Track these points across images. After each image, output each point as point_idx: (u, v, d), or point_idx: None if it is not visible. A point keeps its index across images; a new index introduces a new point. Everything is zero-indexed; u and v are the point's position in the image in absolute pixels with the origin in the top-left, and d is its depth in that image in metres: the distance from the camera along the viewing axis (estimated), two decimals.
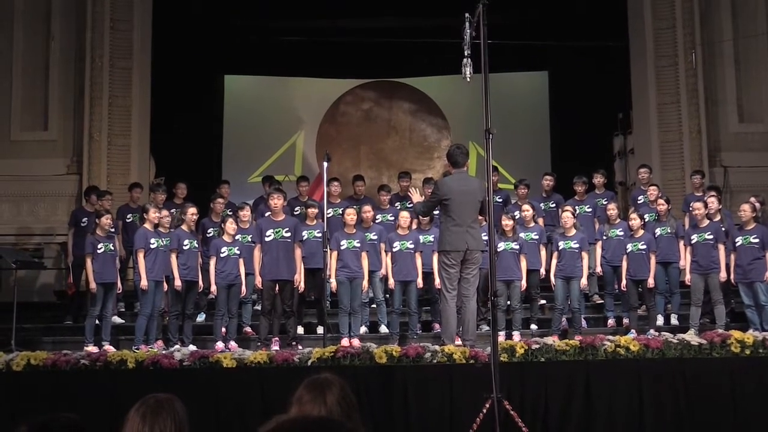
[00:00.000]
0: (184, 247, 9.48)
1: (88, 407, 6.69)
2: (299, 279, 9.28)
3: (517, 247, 9.71)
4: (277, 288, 9.22)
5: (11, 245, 11.97)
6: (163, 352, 8.00)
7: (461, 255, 7.83)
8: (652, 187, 10.93)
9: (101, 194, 10.74)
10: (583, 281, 9.76)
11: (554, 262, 9.77)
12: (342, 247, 9.51)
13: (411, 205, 10.90)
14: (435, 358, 7.22)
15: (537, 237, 10.03)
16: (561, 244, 9.75)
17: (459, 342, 8.15)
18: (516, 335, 9.39)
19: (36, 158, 12.58)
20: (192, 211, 9.67)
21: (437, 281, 8.85)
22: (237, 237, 9.63)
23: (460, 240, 7.81)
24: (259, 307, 10.17)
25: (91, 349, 8.76)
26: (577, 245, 9.72)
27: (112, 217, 9.82)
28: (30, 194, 12.60)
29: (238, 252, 9.49)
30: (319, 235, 9.52)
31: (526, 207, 10.28)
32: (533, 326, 9.95)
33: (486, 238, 8.14)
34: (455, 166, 8.03)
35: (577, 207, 10.81)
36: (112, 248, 9.51)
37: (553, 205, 11.08)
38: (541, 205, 11.17)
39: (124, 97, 12.79)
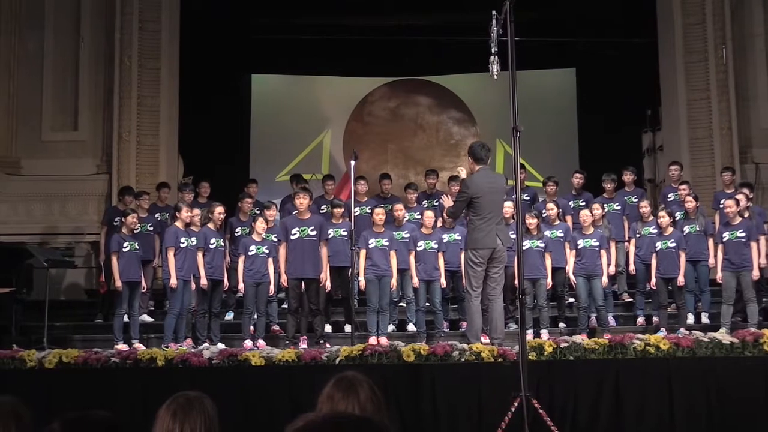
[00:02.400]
0: (211, 246, 9.55)
1: (119, 404, 6.76)
2: (325, 277, 9.30)
3: (542, 245, 9.69)
4: (303, 286, 9.24)
5: (42, 244, 12.11)
6: (192, 350, 8.06)
7: (490, 253, 7.81)
8: (683, 185, 10.83)
9: (138, 194, 10.83)
10: (604, 279, 9.71)
11: (571, 260, 9.74)
12: (370, 246, 9.52)
13: (438, 203, 10.94)
14: (463, 356, 7.22)
15: (562, 235, 9.98)
16: (580, 242, 9.74)
17: (486, 340, 8.15)
18: (544, 333, 9.37)
19: (66, 158, 12.70)
20: (219, 210, 9.73)
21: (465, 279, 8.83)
22: (264, 236, 9.67)
23: (490, 237, 7.80)
24: (285, 306, 10.23)
25: (121, 347, 8.85)
26: (596, 243, 9.68)
27: (138, 216, 9.86)
28: (60, 194, 12.71)
29: (267, 251, 9.53)
30: (345, 233, 9.54)
31: (550, 205, 10.24)
32: (561, 324, 9.91)
33: (513, 235, 8.13)
34: (478, 162, 8.02)
35: (606, 205, 10.75)
36: (137, 247, 9.58)
37: (583, 203, 11.02)
38: (571, 203, 11.11)
39: (152, 97, 12.87)
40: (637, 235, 10.22)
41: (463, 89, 16.08)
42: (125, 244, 9.45)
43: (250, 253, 9.50)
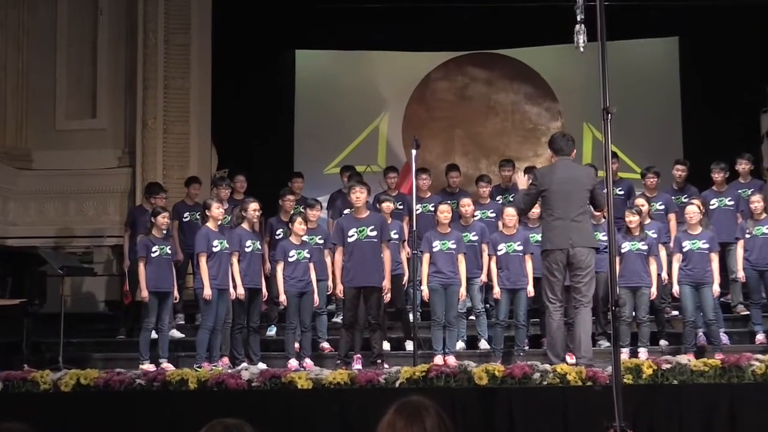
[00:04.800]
0: (246, 249, 9.61)
1: None
2: (388, 285, 9.30)
3: (645, 247, 9.56)
4: (361, 297, 9.27)
5: (57, 248, 12.34)
6: (229, 371, 8.15)
7: (565, 255, 7.79)
8: None
9: (155, 190, 10.96)
10: (716, 288, 9.57)
11: (676, 266, 9.60)
12: (435, 249, 9.51)
13: (514, 197, 10.89)
14: (545, 379, 7.20)
15: (655, 236, 9.86)
16: (686, 245, 9.56)
17: (572, 360, 8.10)
18: (642, 353, 9.27)
19: (83, 149, 12.91)
20: (253, 207, 9.78)
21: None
22: (305, 238, 9.72)
23: (562, 236, 7.79)
24: (337, 320, 10.27)
25: (147, 367, 8.98)
26: (706, 245, 9.52)
27: (170, 215, 9.99)
28: (77, 190, 12.93)
29: (308, 255, 9.59)
30: (396, 236, 9.56)
31: (639, 201, 10.09)
32: (663, 342, 9.80)
33: (604, 236, 8.07)
34: (558, 154, 8.04)
35: (716, 199, 10.59)
36: (169, 251, 9.71)
37: (686, 198, 10.87)
38: (672, 198, 10.97)
39: (181, 78, 13.03)
40: (747, 236, 10.04)
41: (543, 64, 15.97)
42: (154, 249, 9.58)
43: (290, 259, 9.56)
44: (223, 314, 9.48)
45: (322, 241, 9.96)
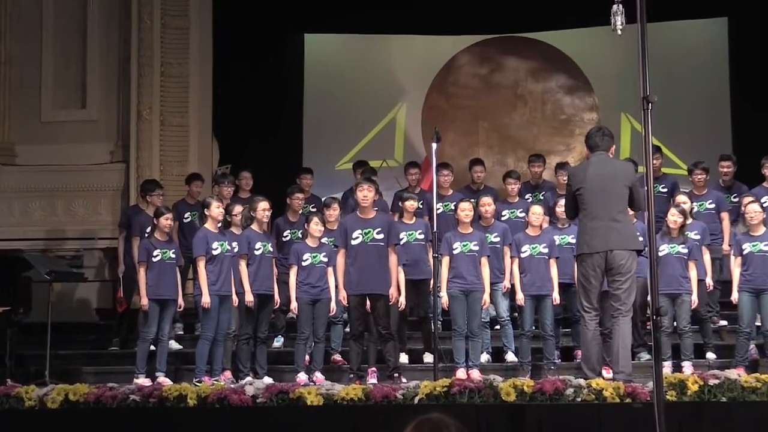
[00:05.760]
0: (256, 252, 9.64)
1: None
2: (395, 293, 9.30)
3: (685, 250, 9.54)
4: (368, 305, 9.28)
5: (43, 252, 12.38)
6: (232, 385, 8.17)
7: (602, 260, 7.77)
8: None
9: (151, 188, 10.99)
10: None
11: (737, 271, 9.55)
12: (455, 252, 9.52)
13: (545, 196, 10.89)
14: (579, 395, 7.19)
15: (698, 237, 9.83)
16: (747, 247, 9.52)
17: (609, 374, 8.08)
18: (687, 366, 9.25)
19: (72, 143, 12.97)
20: (263, 206, 9.79)
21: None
22: (323, 240, 9.75)
23: (599, 238, 7.76)
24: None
25: (143, 381, 9.01)
26: None
27: (173, 217, 9.99)
28: (65, 188, 12.98)
29: (326, 259, 9.61)
30: (422, 236, 9.55)
31: (681, 198, 10.05)
32: (710, 355, 9.77)
33: (640, 238, 8.05)
34: (593, 150, 8.02)
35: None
36: (173, 256, 9.73)
37: (736, 198, 10.83)
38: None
39: (180, 64, 13.08)
40: None
41: (576, 49, 15.94)
42: (156, 252, 9.60)
43: (304, 263, 9.57)
44: (225, 324, 9.49)
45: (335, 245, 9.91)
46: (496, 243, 9.87)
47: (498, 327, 10.11)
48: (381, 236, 9.20)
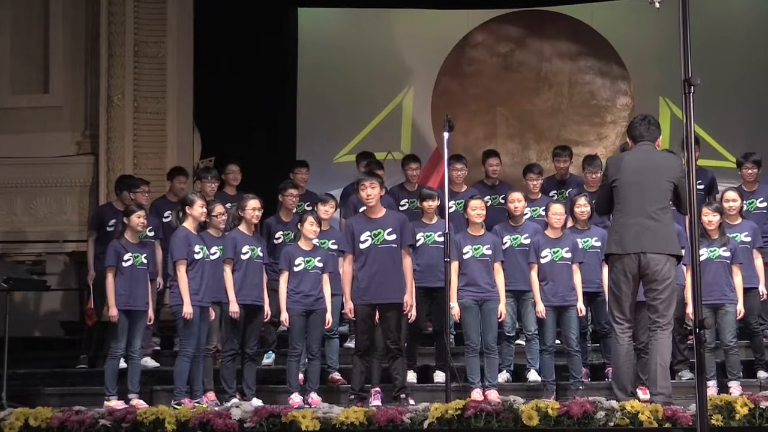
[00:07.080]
0: (243, 257, 9.64)
1: None
2: (410, 301, 9.31)
3: (728, 254, 9.51)
4: (377, 316, 9.29)
5: (0, 257, 12.40)
6: (216, 408, 8.18)
7: (634, 263, 7.74)
8: None
9: (134, 184, 10.99)
10: None
11: None
12: (465, 256, 9.54)
13: (571, 192, 10.87)
14: (612, 419, 7.21)
15: (749, 239, 9.82)
16: None
17: (646, 395, 8.09)
18: (735, 387, 9.26)
19: (34, 132, 12.99)
20: (253, 205, 9.79)
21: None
22: (315, 242, 9.75)
23: (630, 237, 7.73)
24: (350, 344, 10.30)
25: (115, 403, 9.04)
26: None
27: (146, 215, 9.96)
28: (26, 184, 13.00)
29: (321, 264, 9.62)
30: (441, 239, 9.55)
31: (731, 194, 10.01)
32: (762, 374, 9.77)
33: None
34: (636, 140, 8.00)
35: None
36: (145, 261, 9.74)
37: None
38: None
39: (156, 43, 13.09)
40: None
41: (608, 24, 15.95)
42: (127, 256, 9.60)
43: (296, 268, 9.58)
44: (204, 338, 9.51)
45: (336, 247, 9.87)
46: (526, 245, 9.85)
47: (521, 342, 10.10)
48: (393, 237, 9.19)
